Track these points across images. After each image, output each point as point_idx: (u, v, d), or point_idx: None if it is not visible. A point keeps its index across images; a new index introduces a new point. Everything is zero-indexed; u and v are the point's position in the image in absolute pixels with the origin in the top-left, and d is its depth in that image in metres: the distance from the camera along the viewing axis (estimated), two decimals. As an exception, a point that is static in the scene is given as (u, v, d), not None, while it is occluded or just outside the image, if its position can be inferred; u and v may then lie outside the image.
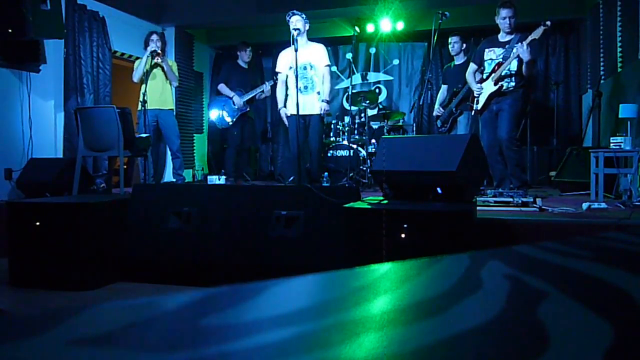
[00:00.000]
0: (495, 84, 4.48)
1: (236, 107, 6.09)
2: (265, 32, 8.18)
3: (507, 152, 4.48)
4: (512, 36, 4.49)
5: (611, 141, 4.45)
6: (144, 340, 0.41)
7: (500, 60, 4.50)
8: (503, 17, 4.48)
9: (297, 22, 4.88)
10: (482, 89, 4.59)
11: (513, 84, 4.46)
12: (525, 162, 4.68)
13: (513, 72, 4.45)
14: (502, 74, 4.46)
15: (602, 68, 6.13)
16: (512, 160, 4.49)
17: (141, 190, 4.00)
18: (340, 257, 3.00)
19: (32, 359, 0.38)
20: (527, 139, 6.51)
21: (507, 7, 4.47)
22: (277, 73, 5.24)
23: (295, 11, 4.95)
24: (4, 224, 3.64)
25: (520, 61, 4.40)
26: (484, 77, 4.62)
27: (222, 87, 6.24)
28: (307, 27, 4.98)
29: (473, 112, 4.78)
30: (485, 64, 4.63)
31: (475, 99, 4.67)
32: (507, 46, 4.48)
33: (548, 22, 4.22)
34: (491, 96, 4.53)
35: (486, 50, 4.62)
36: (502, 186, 4.59)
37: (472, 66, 4.80)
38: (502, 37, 4.57)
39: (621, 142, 4.35)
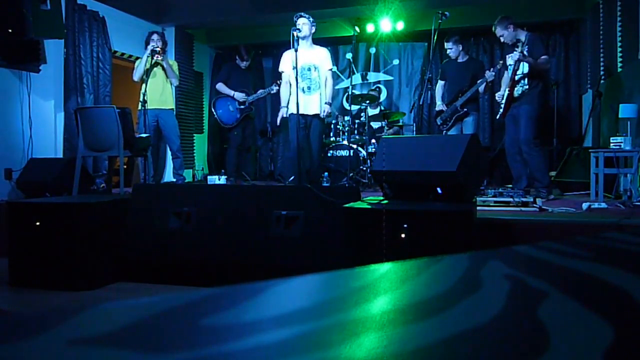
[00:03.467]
0: (510, 90, 4.66)
1: (240, 106, 6.10)
2: (265, 32, 8.17)
3: (527, 156, 4.63)
4: (523, 39, 4.63)
5: (611, 141, 4.46)
6: (144, 340, 0.41)
7: (513, 66, 4.65)
8: (499, 36, 4.78)
9: (303, 24, 4.98)
10: (502, 96, 4.78)
11: (527, 86, 4.61)
12: (545, 166, 4.77)
13: (526, 74, 4.60)
14: (516, 79, 4.63)
15: (602, 68, 6.13)
16: (532, 164, 4.62)
17: (141, 190, 4.00)
18: (340, 257, 3.00)
19: (32, 359, 0.38)
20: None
21: (495, 29, 4.78)
22: (280, 73, 5.30)
23: (302, 13, 5.05)
24: (4, 224, 3.64)
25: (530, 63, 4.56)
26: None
27: (220, 86, 6.24)
28: (313, 30, 5.07)
29: (498, 116, 4.92)
30: (509, 68, 4.76)
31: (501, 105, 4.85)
32: (516, 49, 4.60)
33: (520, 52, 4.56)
34: (509, 101, 4.69)
35: (507, 56, 4.76)
36: (519, 184, 4.71)
37: (505, 74, 4.91)
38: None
39: (621, 142, 4.35)
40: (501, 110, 4.81)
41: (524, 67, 4.59)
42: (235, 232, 3.57)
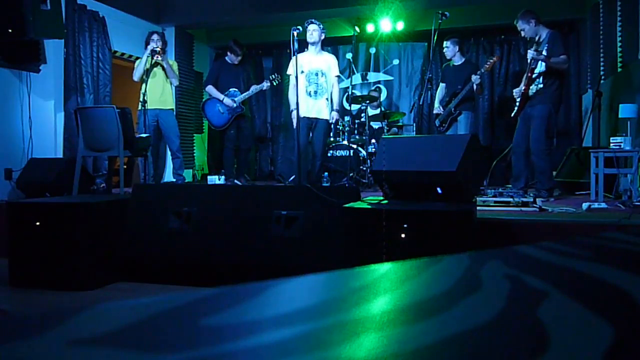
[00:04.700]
0: (526, 89, 4.61)
1: (228, 108, 6.00)
2: (265, 32, 8.17)
3: (535, 158, 4.59)
4: (544, 37, 4.58)
5: (611, 141, 4.45)
6: (144, 340, 0.41)
7: (532, 65, 4.61)
8: (519, 30, 4.73)
9: (313, 31, 5.10)
10: (518, 93, 4.72)
11: (541, 85, 4.55)
12: (551, 169, 4.73)
13: (542, 72, 4.55)
14: (533, 77, 4.59)
15: (602, 68, 6.13)
16: (538, 166, 4.58)
17: (141, 190, 4.00)
18: (340, 257, 3.00)
19: (32, 359, 0.38)
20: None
21: (517, 22, 4.71)
22: (288, 75, 5.34)
23: (314, 20, 5.16)
24: (4, 224, 3.64)
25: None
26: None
27: (210, 89, 6.05)
28: (322, 37, 5.19)
29: (513, 114, 4.86)
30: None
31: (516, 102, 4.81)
32: (533, 47, 4.60)
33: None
34: (523, 100, 4.65)
35: (527, 53, 4.72)
36: (517, 183, 4.70)
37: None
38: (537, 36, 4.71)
39: (621, 142, 4.35)
40: (516, 108, 4.76)
41: (542, 66, 4.53)
42: (235, 232, 3.57)
